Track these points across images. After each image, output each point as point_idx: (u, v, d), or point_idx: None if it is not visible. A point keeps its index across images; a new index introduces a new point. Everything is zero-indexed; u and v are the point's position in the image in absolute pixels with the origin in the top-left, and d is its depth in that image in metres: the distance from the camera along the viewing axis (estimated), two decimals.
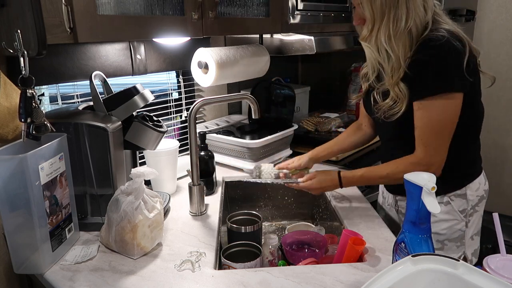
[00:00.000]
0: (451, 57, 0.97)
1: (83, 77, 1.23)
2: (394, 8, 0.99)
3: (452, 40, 0.96)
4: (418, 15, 1.00)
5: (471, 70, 0.98)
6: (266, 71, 1.65)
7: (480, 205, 1.16)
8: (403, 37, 1.00)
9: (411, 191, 0.75)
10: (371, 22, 1.03)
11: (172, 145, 1.33)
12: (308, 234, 1.19)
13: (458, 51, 0.96)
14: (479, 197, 1.15)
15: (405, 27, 0.99)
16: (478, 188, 1.14)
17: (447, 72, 0.97)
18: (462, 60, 0.96)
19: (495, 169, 2.62)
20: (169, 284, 0.87)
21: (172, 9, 1.10)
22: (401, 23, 0.99)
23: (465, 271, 0.63)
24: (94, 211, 1.09)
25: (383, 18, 1.01)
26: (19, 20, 0.83)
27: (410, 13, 0.99)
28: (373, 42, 1.04)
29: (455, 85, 0.98)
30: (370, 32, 1.04)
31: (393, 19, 1.00)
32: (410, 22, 0.99)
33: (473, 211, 1.14)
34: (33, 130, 0.86)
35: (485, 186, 1.17)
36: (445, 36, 0.96)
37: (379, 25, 1.01)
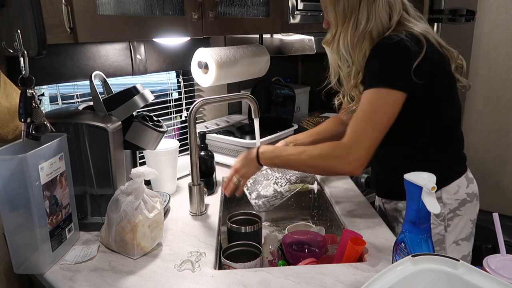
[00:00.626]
0: (399, 56, 0.96)
1: (83, 77, 1.24)
2: (355, 12, 1.00)
3: (406, 40, 0.95)
4: (380, 20, 1.00)
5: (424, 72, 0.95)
6: (266, 71, 1.65)
7: (462, 209, 1.11)
8: (361, 41, 1.01)
9: (411, 191, 0.75)
10: (335, 26, 1.05)
11: (172, 145, 1.33)
12: (308, 234, 1.19)
13: (408, 51, 0.94)
14: (460, 201, 1.10)
15: (363, 31, 1.00)
16: (456, 192, 1.10)
17: (391, 69, 0.97)
18: (411, 61, 0.94)
19: (495, 169, 2.62)
20: (169, 284, 0.87)
21: (172, 9, 1.10)
22: (360, 27, 1.00)
23: (465, 271, 0.63)
24: (94, 211, 1.09)
25: (344, 22, 1.02)
26: (19, 20, 0.83)
27: (371, 17, 1.00)
28: (334, 47, 1.06)
29: (397, 83, 0.96)
30: (333, 37, 1.06)
31: (353, 23, 1.01)
32: (369, 26, 1.00)
33: (453, 215, 1.10)
34: (33, 130, 0.86)
35: (467, 189, 1.12)
36: (400, 36, 0.96)
37: (341, 29, 1.03)
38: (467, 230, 1.14)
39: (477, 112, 2.62)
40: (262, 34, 1.66)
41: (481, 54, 2.54)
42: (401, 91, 0.96)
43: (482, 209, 1.31)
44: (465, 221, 1.13)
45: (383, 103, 0.97)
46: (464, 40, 2.47)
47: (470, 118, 2.65)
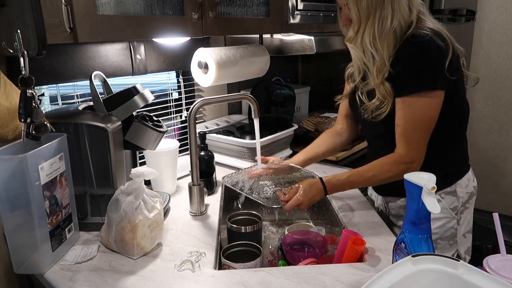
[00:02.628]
0: (434, 55, 0.97)
1: (83, 77, 1.24)
2: (379, 9, 0.99)
3: (435, 38, 0.97)
4: (402, 14, 1.00)
5: (453, 69, 0.99)
6: (266, 71, 1.65)
7: (470, 202, 1.16)
8: (387, 37, 1.01)
9: (411, 191, 0.75)
10: (357, 23, 1.02)
11: (172, 145, 1.33)
12: (308, 234, 1.19)
13: (440, 49, 0.97)
14: (469, 194, 1.15)
15: (390, 27, 1.00)
16: (467, 185, 1.15)
17: (429, 70, 0.98)
18: (444, 59, 0.97)
19: (495, 169, 2.62)
20: (169, 284, 0.87)
21: (172, 9, 1.10)
22: (386, 23, 0.99)
23: (465, 271, 0.63)
24: (94, 211, 1.09)
25: (368, 19, 1.00)
26: (19, 20, 0.83)
27: (395, 13, 0.99)
28: (358, 43, 1.04)
29: (437, 83, 0.98)
30: (355, 33, 1.04)
31: (378, 19, 1.00)
32: (395, 22, 0.99)
33: (464, 208, 1.14)
34: (33, 130, 0.86)
35: (473, 183, 1.18)
36: (428, 34, 0.97)
37: (365, 25, 1.01)
38: (471, 223, 1.19)
39: (477, 112, 2.62)
40: (262, 34, 1.66)
41: (481, 54, 2.54)
42: (442, 90, 0.99)
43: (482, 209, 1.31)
44: (470, 214, 1.18)
45: (427, 107, 1.00)
46: (464, 40, 2.47)
47: (470, 118, 2.64)
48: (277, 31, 1.51)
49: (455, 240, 1.15)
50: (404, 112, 1.01)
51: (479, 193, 1.21)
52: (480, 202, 1.20)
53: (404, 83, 1.00)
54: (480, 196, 1.19)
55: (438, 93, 0.99)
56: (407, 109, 1.01)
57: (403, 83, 1.00)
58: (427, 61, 0.98)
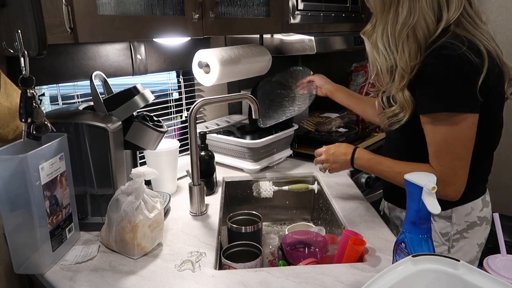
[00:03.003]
0: (462, 73, 0.86)
1: (83, 77, 1.24)
2: (394, 4, 0.91)
3: (468, 53, 0.84)
4: (424, 17, 0.89)
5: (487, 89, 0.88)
6: (268, 69, 1.65)
7: (470, 232, 1.05)
8: (404, 39, 0.91)
9: (411, 191, 0.75)
10: (375, 16, 0.98)
11: (173, 145, 1.33)
12: (309, 234, 1.19)
13: (472, 66, 0.85)
14: (469, 223, 1.05)
15: (403, 25, 0.91)
16: (469, 213, 1.04)
17: (457, 90, 0.87)
18: (474, 79, 0.85)
19: (495, 169, 2.62)
20: (169, 284, 0.87)
21: (173, 9, 1.10)
22: (399, 19, 0.91)
23: (466, 271, 0.63)
24: (95, 211, 1.09)
25: (382, 13, 0.94)
26: (19, 20, 0.83)
27: (414, 12, 0.89)
28: (373, 40, 0.98)
29: (465, 106, 0.88)
30: (373, 28, 0.99)
31: (393, 15, 0.92)
32: (411, 21, 0.89)
33: (460, 237, 1.05)
34: (33, 130, 0.86)
35: (480, 213, 1.05)
36: (461, 48, 0.85)
37: (380, 20, 0.96)
38: (472, 254, 1.08)
39: None
40: (263, 34, 1.66)
41: None
42: (475, 113, 0.89)
43: None
44: (471, 245, 1.07)
45: (461, 129, 0.89)
46: None
47: None
48: (278, 31, 1.51)
49: None
50: (431, 130, 0.92)
51: None
52: None
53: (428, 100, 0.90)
54: None
55: (471, 116, 0.89)
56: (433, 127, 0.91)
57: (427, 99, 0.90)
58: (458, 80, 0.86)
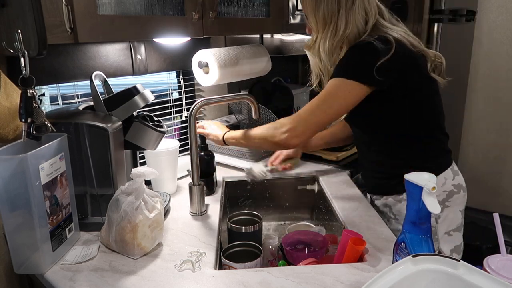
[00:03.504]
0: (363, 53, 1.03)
1: (83, 77, 1.24)
2: (334, 19, 1.06)
3: (374, 41, 1.02)
4: (356, 25, 1.07)
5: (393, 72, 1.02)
6: (268, 70, 1.65)
7: (451, 200, 1.16)
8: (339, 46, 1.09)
9: (412, 191, 0.75)
10: (315, 32, 1.11)
11: (173, 145, 1.33)
12: (308, 234, 1.19)
13: (374, 49, 1.01)
14: (447, 192, 1.16)
15: (342, 36, 1.07)
16: (444, 183, 1.15)
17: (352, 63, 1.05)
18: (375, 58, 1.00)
19: (495, 169, 2.62)
20: (169, 284, 0.87)
21: (173, 9, 1.10)
22: (339, 32, 1.07)
23: (465, 271, 0.63)
24: (95, 211, 1.09)
25: (324, 28, 1.08)
26: (19, 20, 0.83)
27: (349, 23, 1.06)
28: (315, 51, 1.12)
29: (354, 75, 1.03)
30: (314, 42, 1.12)
31: (332, 29, 1.07)
32: (347, 31, 1.07)
33: (443, 207, 1.15)
34: (33, 130, 0.86)
35: (454, 181, 1.17)
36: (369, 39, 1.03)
37: (321, 34, 1.09)
38: (458, 221, 1.19)
39: (477, 112, 2.62)
40: (263, 34, 1.66)
41: (481, 54, 2.54)
42: (359, 82, 1.03)
43: (482, 209, 1.32)
44: (454, 212, 1.18)
45: (336, 91, 1.05)
46: (464, 40, 2.47)
47: (470, 118, 2.65)
48: (278, 31, 1.51)
49: (436, 238, 1.16)
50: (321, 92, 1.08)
51: (479, 193, 1.20)
52: (480, 202, 1.19)
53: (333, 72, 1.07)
54: (480, 196, 1.19)
55: (353, 84, 1.03)
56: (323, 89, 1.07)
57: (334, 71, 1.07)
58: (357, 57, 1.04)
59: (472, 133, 2.66)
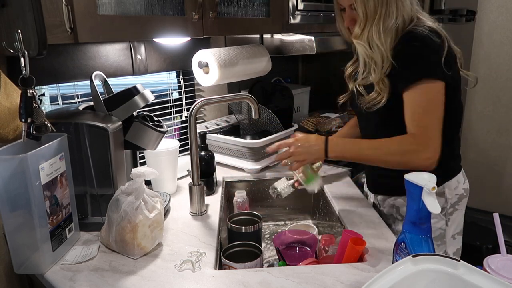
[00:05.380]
0: (431, 49, 1.02)
1: (83, 77, 1.24)
2: (385, 6, 1.05)
3: (431, 35, 1.02)
4: (406, 11, 1.06)
5: (449, 66, 1.02)
6: (269, 70, 1.65)
7: (460, 204, 1.17)
8: (390, 33, 1.06)
9: (412, 191, 0.75)
10: (363, 21, 1.07)
11: (173, 145, 1.33)
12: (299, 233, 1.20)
13: (437, 44, 1.02)
14: (458, 196, 1.16)
15: (394, 24, 1.05)
16: (456, 187, 1.15)
17: (428, 61, 1.03)
18: (440, 53, 1.01)
19: (495, 169, 2.62)
20: (170, 284, 0.87)
21: (173, 9, 1.10)
22: (391, 19, 1.05)
23: (466, 271, 0.63)
24: (95, 211, 1.09)
25: (375, 17, 1.06)
26: (19, 20, 0.83)
27: (399, 11, 1.05)
28: (365, 39, 1.08)
29: (437, 72, 1.01)
30: (362, 31, 1.08)
31: (384, 16, 1.05)
32: (399, 19, 1.05)
33: (453, 210, 1.15)
34: (33, 130, 0.86)
35: (464, 185, 1.18)
36: (425, 31, 1.02)
37: (372, 23, 1.06)
38: (461, 225, 1.20)
39: (477, 112, 2.62)
40: (263, 34, 1.66)
41: (481, 54, 2.54)
42: (441, 80, 1.01)
43: (482, 209, 1.31)
44: (460, 216, 1.19)
45: (434, 93, 1.01)
46: (464, 40, 2.47)
47: (470, 118, 2.65)
48: (278, 31, 1.51)
49: (444, 241, 1.15)
50: (410, 100, 1.03)
51: (479, 193, 1.21)
52: (480, 202, 1.19)
53: (406, 75, 1.03)
54: (480, 196, 1.19)
55: (437, 83, 1.01)
56: (411, 97, 1.03)
57: (406, 74, 1.03)
58: (425, 53, 1.02)
59: (472, 133, 2.66)
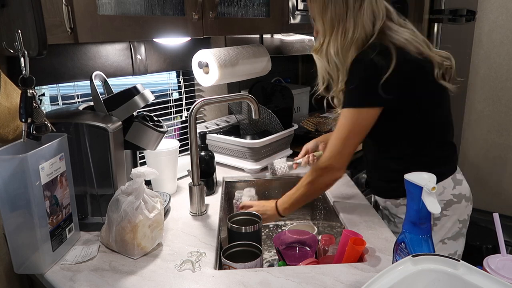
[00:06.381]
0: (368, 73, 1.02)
1: (83, 77, 1.24)
2: (343, 22, 1.05)
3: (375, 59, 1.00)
4: (364, 27, 1.05)
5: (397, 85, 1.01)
6: (269, 70, 1.65)
7: (449, 209, 1.13)
8: (350, 48, 1.06)
9: (411, 191, 0.75)
10: (323, 35, 1.10)
11: (173, 145, 1.33)
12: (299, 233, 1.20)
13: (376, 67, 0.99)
14: (445, 202, 1.13)
15: (351, 39, 1.05)
16: (441, 193, 1.13)
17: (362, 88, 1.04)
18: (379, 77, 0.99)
19: (495, 169, 2.62)
20: (169, 284, 0.87)
21: (173, 9, 1.10)
22: (348, 35, 1.05)
23: (466, 271, 0.63)
24: (95, 211, 1.09)
25: (332, 31, 1.06)
26: (19, 20, 0.83)
27: (357, 26, 1.04)
28: (323, 54, 1.10)
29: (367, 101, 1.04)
30: (321, 45, 1.10)
31: (341, 31, 1.05)
32: (356, 34, 1.05)
33: (440, 215, 1.13)
34: (33, 130, 0.86)
35: (454, 191, 1.14)
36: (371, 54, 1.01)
37: (329, 37, 1.07)
38: (454, 230, 1.16)
39: (477, 112, 2.62)
40: (263, 34, 1.66)
41: (481, 54, 2.54)
42: (373, 107, 1.04)
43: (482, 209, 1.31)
44: (453, 221, 1.15)
45: (356, 121, 1.05)
46: (464, 40, 2.47)
47: (470, 118, 2.65)
48: (278, 31, 1.51)
49: None
50: (339, 123, 1.08)
51: (479, 193, 1.20)
52: (480, 202, 1.19)
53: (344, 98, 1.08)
54: (480, 196, 1.19)
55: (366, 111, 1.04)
56: (340, 120, 1.07)
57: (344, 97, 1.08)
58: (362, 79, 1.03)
59: (472, 133, 2.66)
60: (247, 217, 1.21)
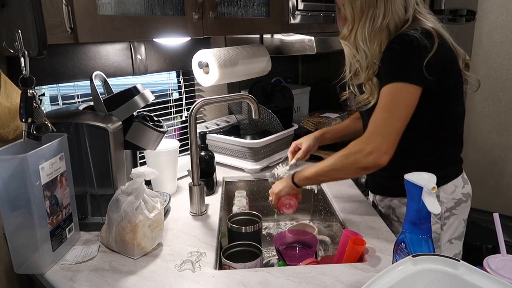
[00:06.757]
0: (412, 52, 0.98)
1: (83, 77, 1.24)
2: (372, 8, 1.02)
3: (419, 37, 0.97)
4: (396, 13, 1.02)
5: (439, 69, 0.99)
6: (269, 70, 1.65)
7: (458, 209, 1.13)
8: (378, 35, 1.03)
9: (411, 191, 0.75)
10: (351, 22, 1.06)
11: (173, 145, 1.33)
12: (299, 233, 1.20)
13: (420, 46, 0.97)
14: (456, 200, 1.13)
15: (380, 26, 1.02)
16: (453, 191, 1.12)
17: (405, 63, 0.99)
18: (423, 56, 0.96)
19: (495, 169, 2.62)
20: (170, 284, 0.87)
21: (173, 9, 1.10)
22: (377, 21, 1.02)
23: (466, 271, 0.63)
24: (95, 211, 1.09)
25: (361, 18, 1.04)
26: (19, 20, 0.83)
27: (387, 12, 1.02)
28: (352, 41, 1.07)
29: (410, 76, 0.98)
30: (350, 32, 1.08)
31: (370, 18, 1.03)
32: (386, 20, 1.02)
33: (450, 214, 1.13)
34: (33, 130, 0.86)
35: (463, 190, 1.14)
36: (415, 33, 0.98)
37: (358, 24, 1.05)
38: (460, 230, 1.17)
39: (477, 112, 2.63)
40: (262, 34, 1.66)
41: (481, 54, 2.54)
42: (416, 85, 0.98)
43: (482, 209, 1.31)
44: (459, 221, 1.15)
45: (399, 95, 0.99)
46: (464, 40, 2.47)
47: (470, 118, 2.65)
48: (278, 31, 1.51)
49: (438, 245, 1.13)
50: (380, 98, 1.02)
51: (479, 193, 1.20)
52: (480, 202, 1.19)
53: (384, 75, 1.03)
54: (480, 196, 1.19)
55: (411, 87, 0.98)
56: (382, 95, 1.02)
57: (384, 74, 1.03)
58: (406, 57, 0.99)
59: (472, 133, 2.66)
60: (247, 217, 1.21)
